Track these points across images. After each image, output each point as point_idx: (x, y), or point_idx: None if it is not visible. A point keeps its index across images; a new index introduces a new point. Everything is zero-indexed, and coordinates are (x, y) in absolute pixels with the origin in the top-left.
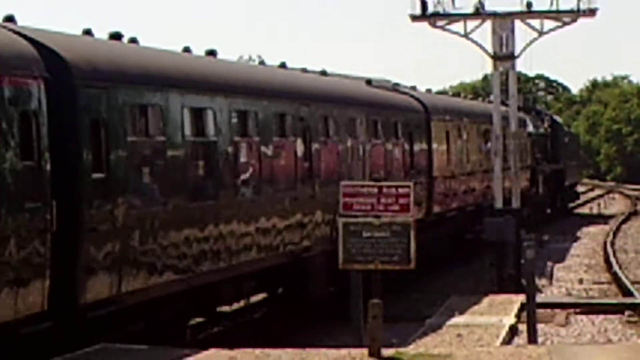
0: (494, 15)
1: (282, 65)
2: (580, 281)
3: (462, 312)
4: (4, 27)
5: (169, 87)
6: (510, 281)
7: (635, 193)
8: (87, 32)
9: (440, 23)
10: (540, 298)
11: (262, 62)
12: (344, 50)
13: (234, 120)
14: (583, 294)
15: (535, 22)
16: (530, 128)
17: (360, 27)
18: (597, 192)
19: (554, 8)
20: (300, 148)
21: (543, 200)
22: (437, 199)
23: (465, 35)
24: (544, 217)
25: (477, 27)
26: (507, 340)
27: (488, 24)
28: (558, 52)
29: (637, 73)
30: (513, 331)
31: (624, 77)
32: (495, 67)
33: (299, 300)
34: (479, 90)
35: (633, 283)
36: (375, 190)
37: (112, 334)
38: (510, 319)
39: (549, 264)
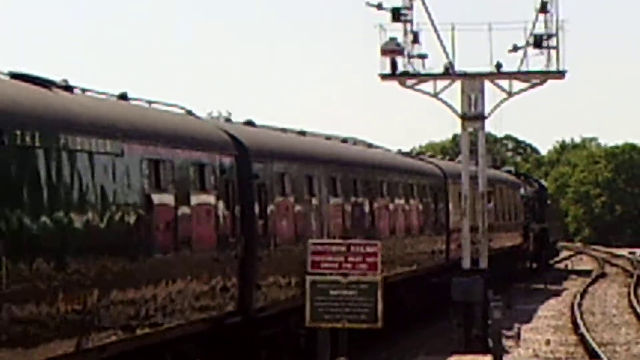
0: (464, 75)
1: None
2: (548, 342)
3: None
4: (212, 123)
5: (296, 160)
6: (477, 341)
7: (603, 255)
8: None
9: (409, 83)
10: (507, 359)
11: (228, 119)
12: (311, 108)
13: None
14: (550, 355)
15: (505, 83)
16: (522, 191)
17: (329, 85)
18: (566, 253)
19: (523, 69)
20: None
21: (532, 256)
22: (452, 247)
23: (435, 95)
24: (531, 271)
25: (446, 87)
26: None
27: (457, 84)
28: (527, 113)
29: (605, 135)
30: None
31: (592, 139)
32: (464, 127)
33: None
34: (448, 150)
35: (599, 345)
36: (344, 248)
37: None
38: None
39: (516, 324)
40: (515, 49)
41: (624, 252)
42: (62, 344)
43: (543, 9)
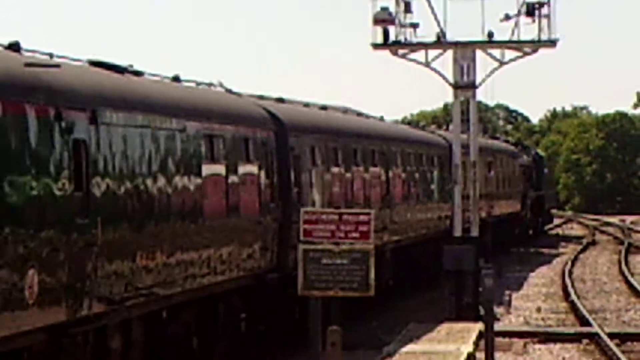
0: (455, 44)
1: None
2: (538, 310)
3: (420, 340)
4: (252, 101)
5: (323, 134)
6: (468, 309)
7: (593, 223)
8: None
9: (401, 52)
10: (498, 326)
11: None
12: (302, 77)
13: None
14: (541, 322)
15: (496, 52)
16: (521, 160)
17: (321, 54)
18: (556, 221)
19: (515, 38)
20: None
21: (529, 222)
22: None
23: (427, 64)
24: (529, 237)
25: (438, 56)
26: None
27: (449, 54)
28: (518, 82)
29: (596, 104)
30: (471, 359)
31: (583, 108)
32: (455, 96)
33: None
34: (440, 119)
35: (590, 312)
36: (336, 217)
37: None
38: (468, 347)
39: (507, 292)
40: (507, 17)
41: (614, 219)
42: (137, 293)
43: None
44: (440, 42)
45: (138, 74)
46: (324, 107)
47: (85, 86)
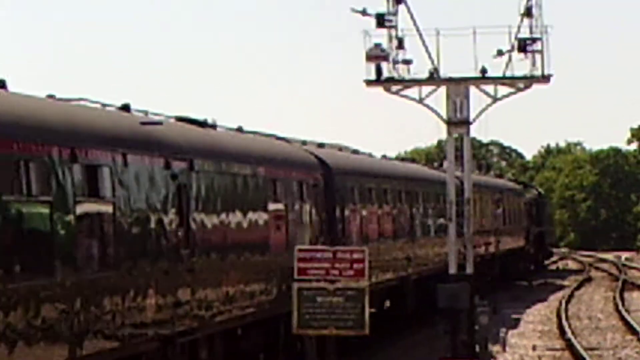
0: (449, 80)
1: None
2: (534, 348)
3: None
4: (298, 146)
5: (360, 177)
6: (464, 347)
7: (588, 260)
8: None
9: (394, 88)
10: None
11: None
12: (296, 113)
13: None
14: None
15: (490, 88)
16: (524, 198)
17: (314, 91)
18: (552, 258)
19: (508, 74)
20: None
21: (531, 256)
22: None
23: (420, 101)
24: (530, 271)
25: (431, 92)
26: None
27: (442, 90)
28: (512, 118)
29: (590, 140)
30: None
31: (577, 144)
32: (449, 132)
33: None
34: (434, 155)
35: (586, 350)
36: (330, 255)
37: None
38: None
39: (503, 329)
40: (500, 53)
41: (609, 256)
42: (219, 312)
43: (528, 13)
44: (434, 78)
45: (214, 126)
46: (355, 152)
47: (184, 140)
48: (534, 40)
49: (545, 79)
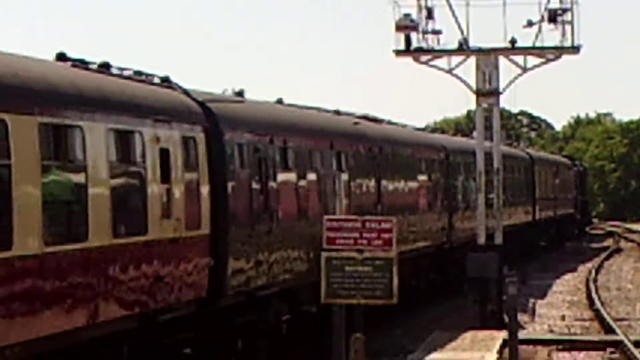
0: (478, 51)
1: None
2: (563, 318)
3: (444, 348)
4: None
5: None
6: (492, 317)
7: (618, 230)
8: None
9: (424, 58)
10: (522, 334)
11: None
12: (325, 85)
13: None
14: (565, 330)
15: (519, 59)
16: (573, 171)
17: (344, 62)
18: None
19: (537, 44)
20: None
21: (577, 222)
22: (537, 209)
23: (449, 71)
24: (577, 234)
25: (461, 63)
26: None
27: (472, 60)
28: (542, 89)
29: (620, 110)
30: None
31: (607, 115)
32: (478, 103)
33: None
34: (463, 126)
35: (615, 320)
36: (359, 224)
37: None
38: (492, 356)
39: (532, 300)
40: (530, 24)
41: (638, 226)
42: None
43: None
44: (463, 48)
45: (280, 102)
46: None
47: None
48: (563, 10)
49: (574, 49)
